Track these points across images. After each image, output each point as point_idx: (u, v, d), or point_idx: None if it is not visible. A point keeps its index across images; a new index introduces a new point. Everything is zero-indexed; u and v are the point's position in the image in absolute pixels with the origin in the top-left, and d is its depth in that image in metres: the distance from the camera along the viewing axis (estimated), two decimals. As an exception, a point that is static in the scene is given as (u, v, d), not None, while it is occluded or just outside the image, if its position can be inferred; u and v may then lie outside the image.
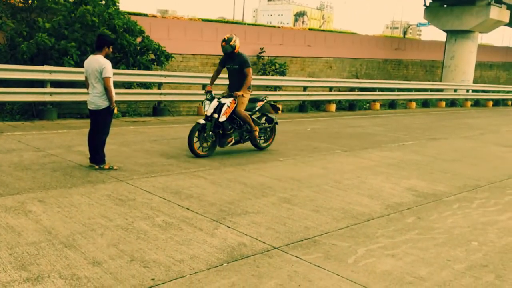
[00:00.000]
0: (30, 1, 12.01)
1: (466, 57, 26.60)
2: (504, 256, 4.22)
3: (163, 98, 13.16)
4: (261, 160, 7.80)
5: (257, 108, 8.49)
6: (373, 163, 8.09)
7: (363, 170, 7.48)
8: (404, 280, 3.61)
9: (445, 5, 26.91)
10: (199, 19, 19.43)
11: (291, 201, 5.51)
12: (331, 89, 18.09)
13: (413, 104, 21.89)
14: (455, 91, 24.75)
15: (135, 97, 12.96)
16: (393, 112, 19.41)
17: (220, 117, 7.57)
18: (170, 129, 10.89)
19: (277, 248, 4.09)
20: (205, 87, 9.21)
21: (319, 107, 18.31)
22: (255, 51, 18.85)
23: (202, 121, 7.53)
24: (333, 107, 18.05)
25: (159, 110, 13.30)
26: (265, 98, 8.74)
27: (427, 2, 27.52)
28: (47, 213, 4.59)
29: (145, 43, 12.75)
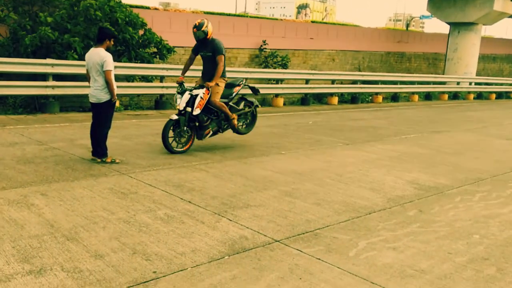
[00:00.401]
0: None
1: (469, 50, 26.47)
2: (505, 249, 4.22)
3: (165, 91, 13.14)
4: (263, 153, 7.80)
5: (234, 94, 8.09)
6: (375, 156, 8.09)
7: (365, 163, 7.47)
8: (405, 273, 3.62)
9: (449, -3, 26.76)
10: (202, 11, 19.36)
11: (293, 194, 5.52)
12: (333, 82, 18.04)
13: (416, 97, 21.83)
14: (458, 83, 24.65)
15: (137, 90, 12.96)
16: (395, 105, 19.36)
17: (194, 110, 7.18)
18: (172, 122, 10.88)
19: (278, 241, 4.10)
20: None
21: (321, 100, 18.28)
22: (257, 43, 18.80)
23: (175, 116, 7.14)
24: (336, 100, 18.01)
25: (161, 103, 13.29)
26: (242, 81, 8.30)
27: (430, -6, 27.36)
28: (50, 206, 4.61)
29: (147, 36, 12.72)
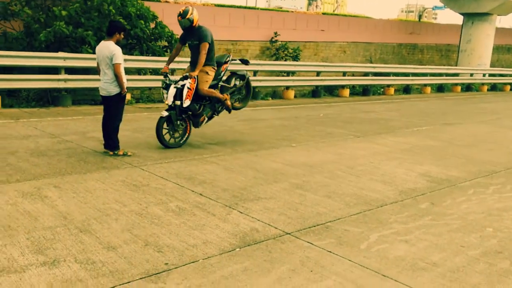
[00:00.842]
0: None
1: (483, 41, 26.07)
2: (518, 242, 4.18)
3: (176, 84, 13.15)
4: (273, 146, 7.80)
5: (223, 73, 7.70)
6: (386, 148, 8.04)
7: (376, 155, 7.43)
8: (417, 265, 3.60)
9: (462, -13, 26.35)
10: (212, 4, 19.31)
11: (304, 187, 5.52)
12: (344, 74, 17.92)
13: (428, 89, 21.61)
14: (471, 75, 24.34)
15: (149, 84, 12.99)
16: (407, 97, 19.19)
17: (183, 103, 6.96)
18: (183, 115, 10.92)
19: (289, 233, 4.11)
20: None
21: (332, 92, 18.18)
22: (268, 36, 18.71)
23: (165, 113, 6.93)
24: (347, 92, 17.90)
25: (172, 96, 13.31)
26: (229, 58, 7.83)
27: (443, -16, 26.98)
28: (63, 199, 4.66)
29: (158, 30, 12.74)
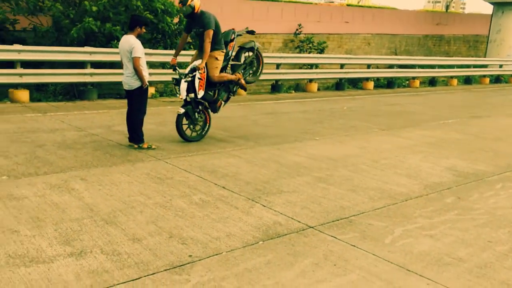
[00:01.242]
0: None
1: (513, 31, 25.34)
2: (549, 238, 4.07)
3: (199, 77, 13.20)
4: (296, 139, 7.77)
5: (230, 51, 7.48)
6: (411, 142, 7.92)
7: (401, 149, 7.33)
8: (442, 261, 3.55)
9: (492, -24, 25.65)
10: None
11: (327, 181, 5.48)
12: (369, 66, 17.69)
13: (455, 81, 21.15)
14: (500, 66, 23.69)
15: (176, 75, 13.08)
16: (433, 89, 18.84)
17: (197, 94, 6.92)
18: (206, 109, 10.97)
19: (312, 227, 4.09)
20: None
21: (356, 85, 17.97)
22: (291, 28, 18.60)
23: (182, 110, 6.90)
24: (371, 84, 17.67)
25: (195, 89, 13.38)
26: (234, 34, 7.52)
27: (472, -27, 26.28)
28: (89, 191, 4.75)
29: (183, 26, 12.82)
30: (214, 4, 17.08)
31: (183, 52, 8.53)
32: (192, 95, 6.93)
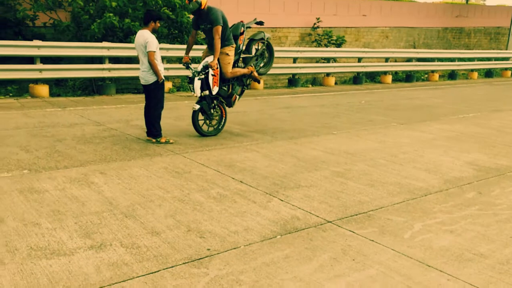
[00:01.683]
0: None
1: (536, 23, 24.79)
2: None
3: (216, 72, 13.23)
4: (313, 133, 7.73)
5: (241, 45, 7.46)
6: (431, 136, 7.81)
7: (420, 143, 7.24)
8: (463, 256, 3.50)
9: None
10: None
11: (345, 175, 5.45)
12: (387, 60, 17.51)
13: (475, 74, 20.81)
14: (522, 59, 23.23)
15: (190, 72, 13.14)
16: (453, 83, 18.56)
17: (212, 91, 6.95)
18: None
19: (330, 222, 4.07)
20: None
21: (374, 78, 17.81)
22: (307, 22, 18.47)
23: (197, 106, 6.92)
24: (389, 78, 17.49)
25: (212, 84, 13.41)
26: (243, 27, 7.45)
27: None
28: (108, 185, 4.80)
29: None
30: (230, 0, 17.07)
31: (195, 46, 8.50)
32: (206, 92, 6.91)
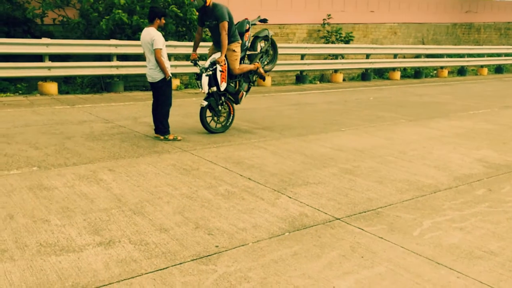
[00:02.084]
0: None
1: (546, 18, 24.51)
2: None
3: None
4: (321, 130, 7.70)
5: (247, 42, 7.48)
6: (440, 132, 7.76)
7: (429, 140, 7.19)
8: (473, 254, 3.47)
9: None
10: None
11: (353, 172, 5.42)
12: (395, 56, 17.41)
13: (485, 70, 20.63)
14: (533, 55, 22.99)
15: (197, 69, 13.14)
16: (462, 79, 18.41)
17: (220, 87, 6.95)
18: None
19: (339, 219, 4.05)
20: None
21: (382, 75, 17.72)
22: (316, 19, 18.40)
23: (204, 102, 6.92)
24: (398, 74, 17.40)
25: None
26: (248, 23, 7.49)
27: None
28: (117, 182, 4.82)
29: None
30: (238, -5, 17.04)
31: (203, 43, 8.54)
32: (214, 89, 6.91)
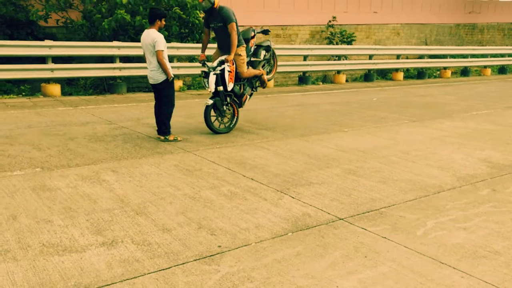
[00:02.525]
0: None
1: (550, 18, 24.44)
2: None
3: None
4: (324, 131, 7.69)
5: (252, 48, 7.64)
6: (443, 133, 7.73)
7: (433, 140, 7.17)
8: (477, 254, 3.45)
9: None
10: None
11: (356, 173, 5.41)
12: (398, 56, 17.38)
13: (488, 71, 20.57)
14: (537, 55, 22.92)
15: (199, 70, 13.16)
16: (465, 79, 18.36)
17: (227, 86, 6.98)
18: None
19: (342, 219, 4.04)
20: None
21: (385, 75, 17.70)
22: (319, 20, 18.39)
23: (210, 101, 6.93)
24: (401, 75, 17.37)
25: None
26: (254, 31, 7.66)
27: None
28: (120, 182, 4.82)
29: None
30: (240, -4, 17.05)
31: (210, 45, 8.60)
32: (221, 88, 6.94)
